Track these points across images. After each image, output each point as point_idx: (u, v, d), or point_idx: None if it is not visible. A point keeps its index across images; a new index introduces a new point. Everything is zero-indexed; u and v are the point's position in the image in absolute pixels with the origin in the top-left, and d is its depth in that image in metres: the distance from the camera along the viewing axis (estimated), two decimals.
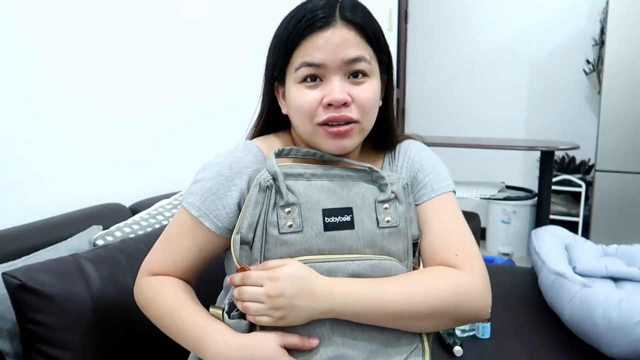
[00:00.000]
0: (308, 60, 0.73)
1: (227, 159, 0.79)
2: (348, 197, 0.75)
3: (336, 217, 0.73)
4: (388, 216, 0.76)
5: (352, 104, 0.74)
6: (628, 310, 1.23)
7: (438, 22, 3.99)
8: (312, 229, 0.72)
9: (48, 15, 1.25)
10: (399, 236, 0.77)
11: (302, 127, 0.77)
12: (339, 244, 0.72)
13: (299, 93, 0.75)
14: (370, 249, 0.74)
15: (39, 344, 0.89)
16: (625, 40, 2.91)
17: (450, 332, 1.39)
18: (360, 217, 0.74)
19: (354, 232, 0.73)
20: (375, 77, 0.77)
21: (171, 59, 1.62)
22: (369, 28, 0.75)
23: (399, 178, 0.80)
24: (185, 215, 0.80)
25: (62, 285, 0.91)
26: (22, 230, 1.12)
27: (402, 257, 0.77)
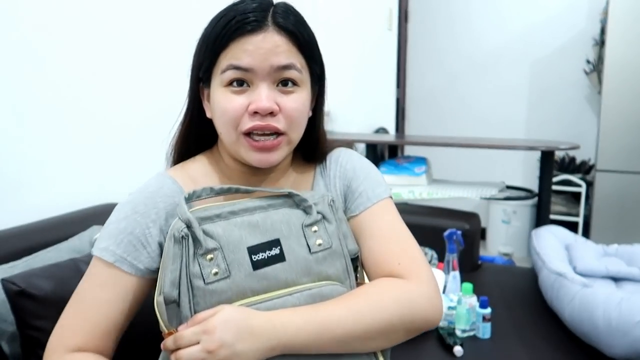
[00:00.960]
0: (235, 64, 0.69)
1: (139, 196, 0.73)
2: (272, 228, 0.69)
3: (264, 253, 0.67)
4: (319, 239, 0.71)
5: (279, 113, 0.70)
6: (628, 310, 1.23)
7: (438, 22, 3.98)
8: (241, 271, 0.66)
9: (49, 16, 1.25)
10: (334, 257, 0.72)
11: (225, 134, 0.72)
12: (272, 280, 0.67)
13: (224, 97, 0.70)
14: (307, 277, 0.69)
15: (40, 350, 0.89)
16: (625, 40, 2.91)
17: (450, 332, 1.39)
18: (290, 247, 0.69)
19: (286, 264, 0.68)
20: (305, 87, 0.74)
21: (171, 59, 1.62)
22: (301, 36, 0.72)
23: (322, 196, 0.75)
24: (99, 265, 0.71)
25: (62, 290, 0.91)
26: (22, 230, 1.12)
27: (343, 277, 0.73)
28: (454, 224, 1.86)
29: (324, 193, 0.76)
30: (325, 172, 0.85)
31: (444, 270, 1.65)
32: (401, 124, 4.10)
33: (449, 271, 1.60)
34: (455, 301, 1.43)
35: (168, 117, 0.92)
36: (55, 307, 0.89)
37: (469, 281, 1.48)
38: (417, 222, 2.04)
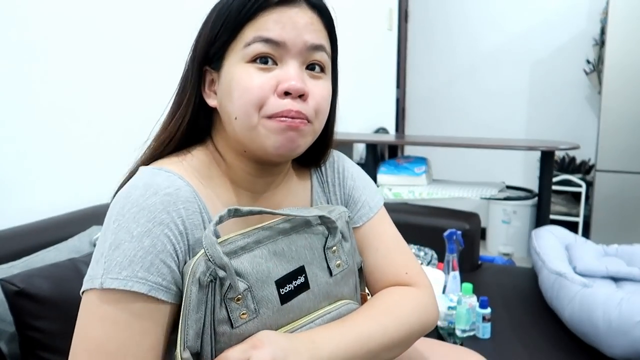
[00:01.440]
0: (265, 35, 0.59)
1: (155, 201, 0.57)
2: (297, 254, 0.64)
3: (290, 284, 0.63)
4: (338, 260, 0.69)
5: (309, 98, 0.61)
6: (628, 310, 1.23)
7: (438, 22, 3.98)
8: (269, 308, 0.60)
9: (48, 17, 1.25)
10: (349, 275, 0.71)
11: (243, 118, 0.60)
12: (297, 311, 0.64)
13: (247, 74, 0.59)
14: (326, 301, 0.67)
15: (39, 350, 0.89)
16: (625, 40, 2.91)
17: (450, 332, 1.39)
18: (313, 273, 0.66)
19: (310, 292, 0.65)
20: (328, 77, 0.66)
21: (171, 60, 1.61)
22: (331, 21, 0.66)
23: (340, 213, 0.71)
24: (127, 300, 0.54)
25: (61, 290, 0.91)
26: (22, 230, 1.12)
27: (353, 293, 0.72)
28: (454, 224, 1.86)
29: (342, 210, 0.71)
30: (322, 178, 0.80)
31: (444, 270, 1.65)
32: (401, 124, 4.10)
33: (449, 271, 1.60)
34: (455, 301, 1.43)
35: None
36: (54, 308, 0.90)
37: (469, 281, 1.48)
38: (417, 222, 2.05)
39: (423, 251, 1.83)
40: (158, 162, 0.67)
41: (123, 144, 1.49)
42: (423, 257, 1.81)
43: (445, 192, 2.28)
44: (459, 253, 1.65)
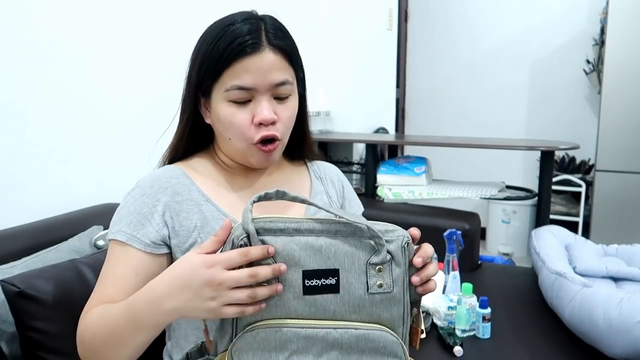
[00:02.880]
0: (240, 84, 0.77)
1: (145, 181, 0.82)
2: (335, 257, 0.66)
3: (318, 280, 0.65)
4: (380, 280, 0.67)
5: (278, 122, 0.81)
6: (628, 310, 1.23)
7: (438, 22, 3.98)
8: (290, 291, 0.64)
9: (49, 17, 1.25)
10: (392, 302, 0.68)
11: (235, 141, 0.82)
12: (320, 308, 0.65)
13: (229, 112, 0.79)
14: (357, 314, 0.67)
15: (39, 351, 0.89)
16: (625, 40, 2.91)
17: (450, 332, 1.39)
18: (347, 281, 0.66)
19: (339, 297, 0.66)
20: (295, 95, 0.84)
21: (171, 61, 1.62)
22: (291, 51, 0.82)
23: (398, 236, 0.69)
24: (114, 246, 0.79)
25: (61, 291, 0.91)
26: (22, 230, 1.12)
27: (397, 324, 0.69)
28: (454, 224, 1.86)
29: (402, 234, 0.70)
30: (318, 173, 0.98)
31: (444, 270, 1.65)
32: (401, 124, 4.10)
33: (449, 271, 1.60)
34: (455, 301, 1.43)
35: (168, 118, 0.92)
36: (54, 308, 0.90)
37: (469, 281, 1.48)
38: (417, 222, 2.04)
39: None
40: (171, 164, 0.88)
41: (123, 144, 1.49)
42: None
43: (445, 192, 2.28)
44: (459, 253, 1.65)
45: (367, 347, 0.66)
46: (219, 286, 0.61)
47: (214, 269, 0.61)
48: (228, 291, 0.61)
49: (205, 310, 0.62)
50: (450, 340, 1.34)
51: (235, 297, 0.61)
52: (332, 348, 0.65)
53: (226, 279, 0.61)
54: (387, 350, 0.67)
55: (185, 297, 0.63)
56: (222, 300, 0.61)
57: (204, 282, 0.61)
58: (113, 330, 0.70)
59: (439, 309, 1.44)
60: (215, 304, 0.61)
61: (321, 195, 0.95)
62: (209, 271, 0.61)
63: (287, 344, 0.64)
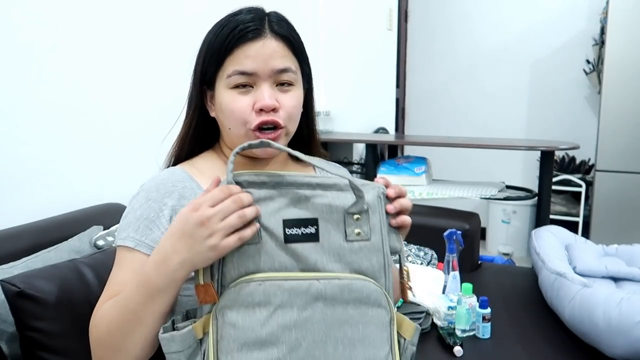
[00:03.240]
0: (241, 69, 0.77)
1: (151, 185, 0.81)
2: (314, 207, 0.69)
3: (298, 229, 0.67)
4: (358, 228, 0.70)
5: (280, 109, 0.79)
6: (628, 310, 1.23)
7: (438, 22, 3.98)
8: (272, 239, 0.67)
9: (50, 17, 1.25)
10: (371, 251, 0.70)
11: (234, 129, 0.80)
12: (302, 258, 0.67)
13: (231, 98, 0.78)
14: (338, 264, 0.68)
15: (39, 351, 0.89)
16: (625, 40, 2.91)
17: (450, 332, 1.39)
18: (327, 229, 0.68)
19: (319, 245, 0.68)
20: (299, 86, 0.83)
21: (171, 61, 1.62)
22: (295, 41, 0.82)
23: (375, 187, 0.73)
24: (122, 252, 0.78)
25: (61, 291, 0.91)
26: (22, 230, 1.12)
27: (378, 275, 0.71)
28: (454, 224, 1.86)
29: (377, 186, 0.74)
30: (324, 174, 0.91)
31: (444, 270, 1.65)
32: (401, 124, 4.10)
33: (449, 271, 1.60)
34: (455, 301, 1.43)
35: (168, 118, 0.92)
36: (54, 308, 0.89)
37: (469, 281, 1.48)
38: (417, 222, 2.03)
39: (423, 251, 1.83)
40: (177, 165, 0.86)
41: (123, 144, 1.49)
42: (423, 257, 1.81)
43: (445, 192, 2.28)
44: (459, 253, 1.65)
45: (350, 297, 0.68)
46: (209, 221, 0.63)
47: (200, 209, 0.64)
48: (220, 222, 0.63)
49: (209, 249, 0.64)
50: (450, 340, 1.34)
51: (228, 224, 0.63)
52: (316, 300, 0.66)
53: (214, 212, 0.63)
54: (370, 300, 0.69)
55: (187, 246, 0.65)
56: (219, 233, 0.63)
57: (196, 223, 0.63)
58: (128, 307, 0.70)
59: (439, 309, 1.44)
60: (214, 240, 0.63)
61: None
62: (196, 213, 0.64)
63: (270, 297, 0.65)
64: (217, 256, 0.65)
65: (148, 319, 0.69)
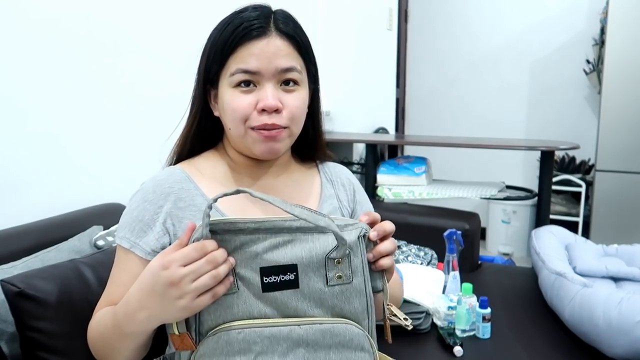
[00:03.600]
0: (244, 67, 0.75)
1: (148, 185, 0.80)
2: (292, 252, 0.66)
3: (277, 276, 0.65)
4: (339, 272, 0.68)
5: (283, 110, 0.77)
6: (628, 310, 1.23)
7: (438, 22, 3.98)
8: (249, 289, 0.65)
9: (50, 15, 1.25)
10: (353, 293, 0.68)
11: (234, 129, 0.78)
12: (281, 305, 0.66)
13: (233, 97, 0.76)
14: (320, 309, 0.67)
15: (39, 351, 0.89)
16: (625, 40, 2.91)
17: (450, 332, 1.39)
18: (306, 275, 0.66)
19: (299, 292, 0.66)
20: (304, 87, 0.81)
21: (172, 61, 1.61)
22: (300, 40, 0.79)
23: (357, 227, 0.70)
24: (119, 251, 0.79)
25: (62, 291, 0.91)
26: (22, 230, 1.12)
27: (360, 317, 0.69)
28: (454, 224, 1.86)
29: (360, 226, 0.71)
30: (329, 176, 0.93)
31: (444, 270, 1.65)
32: (401, 124, 4.10)
33: (449, 271, 1.60)
34: (455, 301, 1.43)
35: (168, 118, 0.92)
36: (54, 308, 0.89)
37: (469, 281, 1.48)
38: (417, 222, 2.04)
39: (423, 251, 1.83)
40: (178, 164, 0.85)
41: (123, 144, 1.49)
42: (423, 257, 1.81)
43: (445, 192, 2.28)
44: (459, 253, 1.65)
45: (333, 341, 0.66)
46: (180, 282, 0.61)
47: (171, 268, 0.61)
48: (191, 284, 0.61)
49: (179, 310, 0.62)
50: (450, 340, 1.34)
51: (201, 285, 0.61)
52: (297, 346, 0.65)
53: (185, 273, 0.61)
54: (354, 344, 0.67)
55: (155, 304, 0.63)
56: (190, 294, 0.61)
57: (166, 284, 0.61)
58: (104, 335, 0.72)
59: (439, 309, 1.44)
60: (185, 301, 0.61)
61: (331, 200, 0.90)
62: (167, 272, 0.61)
63: (251, 345, 0.63)
64: (188, 315, 0.63)
65: (124, 350, 0.71)
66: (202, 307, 0.62)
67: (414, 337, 1.40)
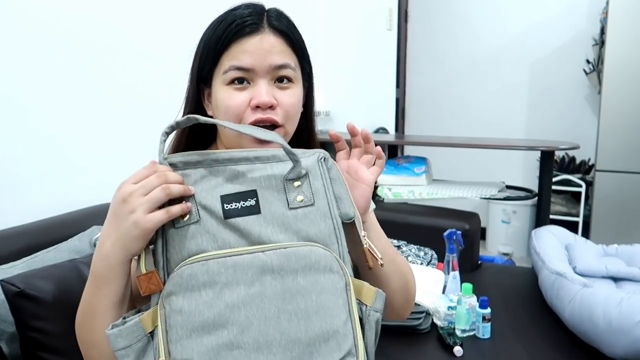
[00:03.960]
0: (237, 64, 0.74)
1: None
2: (251, 179, 0.67)
3: (237, 203, 0.65)
4: (300, 195, 0.68)
5: (277, 107, 0.76)
6: (628, 310, 1.23)
7: (438, 22, 3.98)
8: (212, 217, 0.65)
9: (50, 15, 1.25)
10: (317, 216, 0.68)
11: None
12: (245, 232, 0.65)
13: (227, 94, 0.76)
14: (284, 234, 0.66)
15: (39, 351, 0.89)
16: (625, 40, 2.91)
17: (450, 332, 1.39)
18: (267, 200, 0.66)
19: (261, 217, 0.66)
20: (298, 84, 0.80)
21: (171, 60, 1.61)
22: (294, 37, 0.79)
23: (315, 151, 0.72)
24: None
25: (61, 291, 0.91)
26: (22, 230, 1.12)
27: (328, 240, 0.68)
28: (454, 224, 1.86)
29: (318, 151, 0.73)
30: None
31: (444, 270, 1.65)
32: (401, 124, 4.10)
33: (449, 271, 1.60)
34: (455, 301, 1.43)
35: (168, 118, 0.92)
36: (54, 309, 0.89)
37: (469, 281, 1.48)
38: (417, 222, 2.05)
39: (423, 251, 1.83)
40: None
41: (123, 144, 1.49)
42: (423, 257, 1.81)
43: (445, 192, 2.28)
44: (459, 253, 1.65)
45: (299, 265, 0.64)
46: (130, 197, 0.62)
47: (123, 187, 0.64)
48: (142, 197, 0.62)
49: (133, 226, 0.62)
50: (450, 340, 1.34)
51: (151, 198, 0.62)
52: (263, 273, 0.63)
53: (136, 188, 0.63)
54: (321, 266, 0.65)
55: (114, 227, 0.64)
56: (142, 207, 0.62)
57: (119, 201, 0.63)
58: (85, 298, 0.70)
59: (439, 309, 1.44)
60: (137, 215, 0.62)
61: None
62: (119, 192, 0.64)
63: (215, 276, 0.62)
64: (143, 233, 0.63)
65: (100, 309, 0.68)
66: (155, 222, 0.62)
67: (414, 337, 1.40)
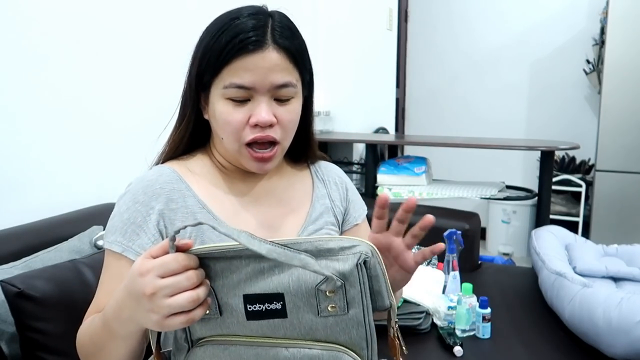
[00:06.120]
0: (238, 82, 0.73)
1: (138, 186, 0.77)
2: (279, 280, 0.59)
3: (262, 305, 0.59)
4: (332, 303, 0.60)
5: (276, 125, 0.76)
6: (628, 310, 1.23)
7: (438, 22, 3.98)
8: (233, 315, 0.60)
9: (49, 17, 1.25)
10: (349, 324, 0.61)
11: (227, 142, 0.78)
12: (268, 331, 0.61)
13: (226, 109, 0.75)
14: (311, 337, 0.61)
15: (39, 351, 0.89)
16: (625, 40, 2.91)
17: (450, 332, 1.39)
18: (295, 305, 0.59)
19: (287, 322, 0.60)
20: (298, 98, 0.79)
21: (170, 60, 1.61)
22: (297, 51, 0.77)
23: (354, 253, 0.60)
24: (109, 256, 0.76)
25: (61, 292, 0.91)
26: (22, 230, 1.12)
27: (359, 347, 0.62)
28: (454, 224, 1.86)
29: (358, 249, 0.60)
30: (321, 176, 0.93)
31: (444, 270, 1.65)
32: (401, 124, 4.10)
33: (449, 271, 1.60)
34: (455, 301, 1.43)
35: (167, 117, 0.92)
36: (54, 309, 0.90)
37: (469, 281, 1.48)
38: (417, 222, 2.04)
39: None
40: (167, 163, 0.83)
41: (123, 144, 1.49)
42: None
43: (445, 192, 2.28)
44: (459, 253, 1.65)
45: None
46: (153, 296, 0.55)
47: (147, 277, 0.56)
48: (165, 299, 0.55)
49: (151, 323, 0.58)
50: (450, 340, 1.34)
51: (175, 305, 0.55)
52: None
53: (161, 286, 0.55)
54: None
55: (131, 307, 0.59)
56: (163, 311, 0.55)
57: (139, 293, 0.56)
58: (95, 337, 0.69)
59: (439, 309, 1.44)
60: (157, 317, 0.56)
61: (323, 199, 0.89)
62: (142, 280, 0.56)
63: None
64: (161, 330, 0.60)
65: (114, 353, 0.67)
66: (175, 327, 0.57)
67: (414, 337, 1.40)
